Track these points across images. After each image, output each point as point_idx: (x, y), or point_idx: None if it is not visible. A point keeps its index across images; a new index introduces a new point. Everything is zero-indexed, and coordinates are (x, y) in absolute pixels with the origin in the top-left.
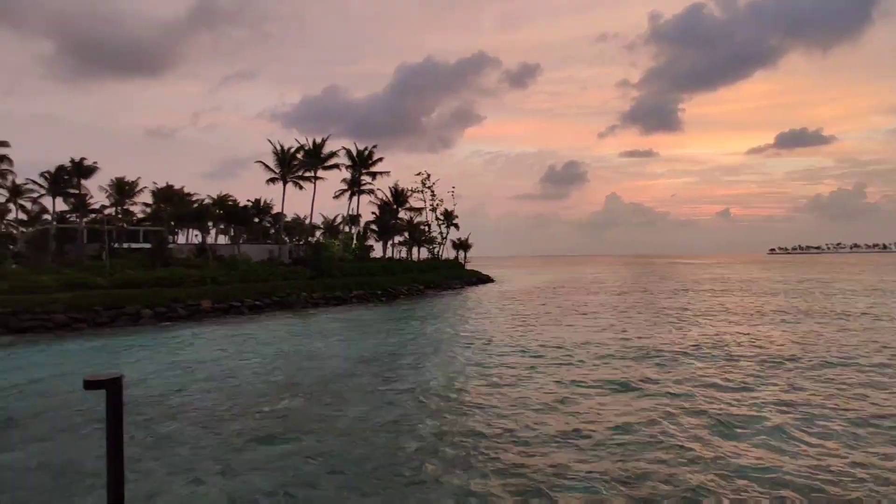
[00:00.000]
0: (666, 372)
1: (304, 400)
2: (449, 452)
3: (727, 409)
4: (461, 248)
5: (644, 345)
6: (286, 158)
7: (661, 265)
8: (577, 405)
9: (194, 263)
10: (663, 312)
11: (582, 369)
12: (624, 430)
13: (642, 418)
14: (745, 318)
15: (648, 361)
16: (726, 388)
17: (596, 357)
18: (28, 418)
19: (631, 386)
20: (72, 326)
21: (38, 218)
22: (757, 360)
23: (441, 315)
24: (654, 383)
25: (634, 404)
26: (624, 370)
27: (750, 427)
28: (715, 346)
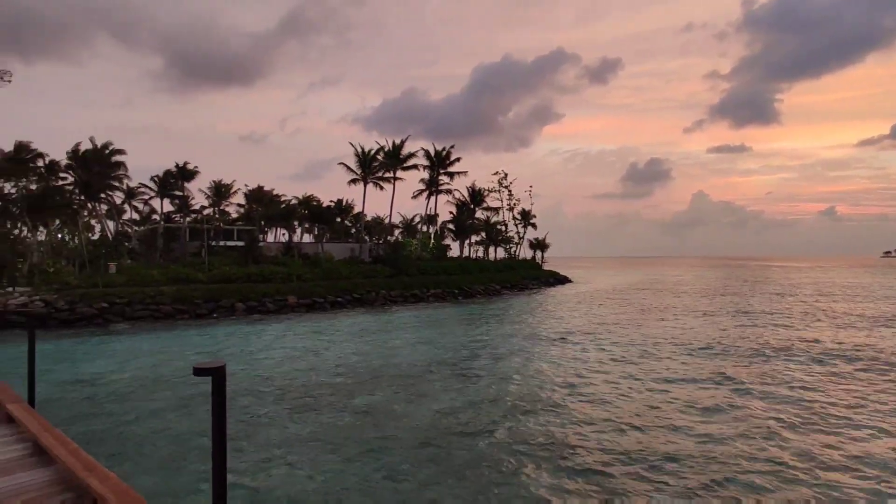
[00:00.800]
0: (758, 379)
1: (384, 393)
2: (524, 452)
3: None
4: (538, 248)
5: (730, 347)
6: (367, 160)
7: (754, 268)
8: (659, 409)
9: (282, 261)
10: (753, 316)
11: (664, 373)
12: (710, 439)
13: (728, 428)
14: (850, 323)
15: (734, 364)
16: (826, 401)
17: (678, 360)
18: (143, 395)
19: (717, 392)
20: (176, 317)
21: (149, 218)
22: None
23: (518, 315)
24: (739, 386)
25: (721, 413)
26: (708, 374)
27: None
28: (826, 352)
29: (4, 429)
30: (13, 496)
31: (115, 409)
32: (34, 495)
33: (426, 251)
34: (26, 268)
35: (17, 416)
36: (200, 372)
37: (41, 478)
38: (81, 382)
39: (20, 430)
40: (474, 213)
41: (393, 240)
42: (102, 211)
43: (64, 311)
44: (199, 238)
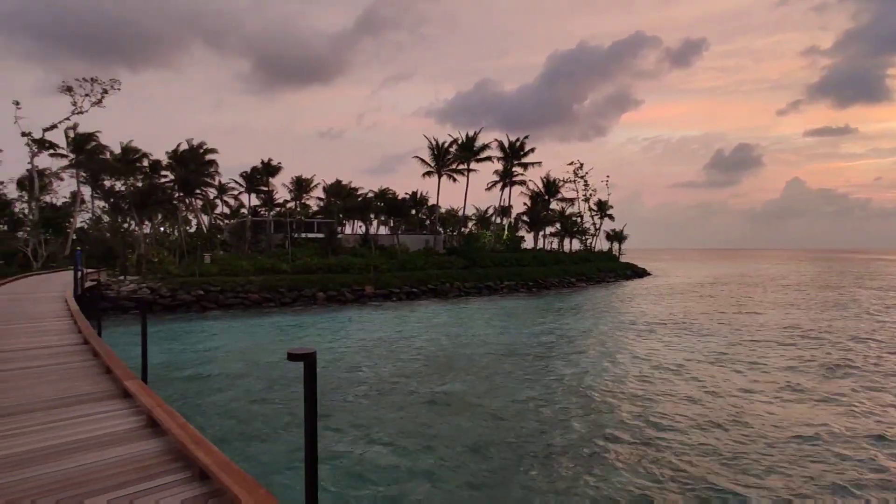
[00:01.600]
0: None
1: (461, 383)
2: (598, 448)
3: None
4: (615, 240)
5: (832, 346)
6: (440, 153)
7: (860, 262)
8: (742, 410)
9: (359, 252)
10: (858, 311)
11: (750, 373)
12: (805, 440)
13: (823, 433)
14: None
15: (836, 371)
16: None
17: (770, 356)
18: (237, 377)
19: (810, 396)
20: (263, 305)
21: (238, 212)
22: None
23: (593, 307)
24: (836, 393)
25: (816, 417)
26: (803, 378)
27: None
28: None
29: (122, 402)
30: (130, 463)
31: (213, 388)
32: (148, 463)
33: (500, 243)
34: (135, 258)
35: (133, 391)
36: (294, 357)
37: (154, 448)
38: (183, 363)
39: (136, 404)
40: (549, 204)
41: (467, 231)
42: (198, 206)
43: (167, 297)
44: (283, 230)
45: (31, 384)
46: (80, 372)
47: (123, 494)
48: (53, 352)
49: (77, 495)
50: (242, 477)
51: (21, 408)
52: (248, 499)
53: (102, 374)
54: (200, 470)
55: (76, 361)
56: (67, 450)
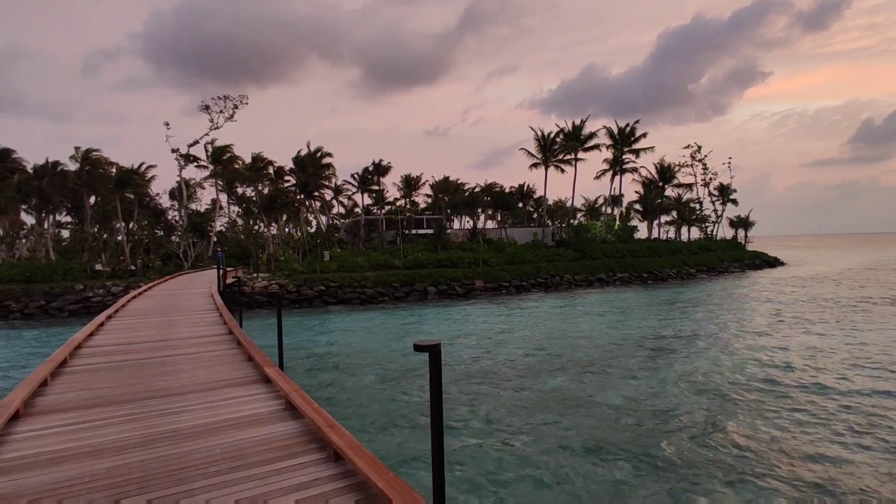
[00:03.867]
0: None
1: (572, 377)
2: (709, 454)
3: None
4: (740, 227)
5: None
6: (546, 143)
7: None
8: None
9: (467, 246)
10: None
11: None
12: None
13: None
14: None
15: None
16: None
17: None
18: (360, 367)
19: None
20: (377, 299)
21: (352, 211)
22: None
23: (715, 301)
24: None
25: None
26: None
27: None
28: None
29: (264, 387)
30: (272, 442)
31: (339, 377)
32: (288, 443)
33: (611, 233)
34: (265, 257)
35: (272, 377)
36: (420, 348)
37: (293, 429)
38: (311, 353)
39: (274, 389)
40: (664, 191)
41: (575, 223)
42: (317, 207)
43: (293, 292)
44: (394, 227)
45: (191, 368)
46: (227, 358)
47: (270, 469)
48: (205, 341)
49: (234, 468)
50: (372, 460)
51: (185, 388)
52: (378, 479)
53: (245, 361)
54: (335, 451)
55: (223, 349)
56: (224, 427)
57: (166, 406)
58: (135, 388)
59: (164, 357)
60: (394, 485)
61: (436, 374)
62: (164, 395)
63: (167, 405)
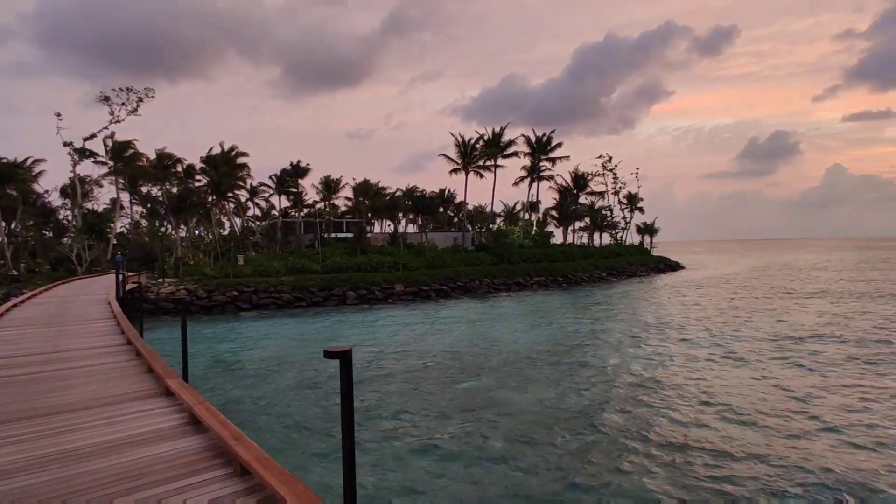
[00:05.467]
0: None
1: (489, 380)
2: (627, 449)
3: None
4: (646, 233)
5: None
6: (467, 149)
7: None
8: (781, 407)
9: (388, 251)
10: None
11: (785, 369)
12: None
13: (859, 430)
14: None
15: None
16: None
17: (806, 353)
18: (272, 374)
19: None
20: (294, 304)
21: (269, 213)
22: None
23: (624, 303)
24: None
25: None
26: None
27: None
28: None
29: (165, 400)
30: (175, 459)
31: (249, 386)
32: (191, 459)
33: (528, 238)
34: (172, 261)
35: (175, 390)
36: (330, 355)
37: (197, 444)
38: (220, 362)
39: (177, 402)
40: (578, 198)
41: (495, 228)
42: (230, 208)
43: (203, 298)
44: (313, 230)
45: (84, 382)
46: (125, 371)
47: (172, 489)
48: (100, 352)
49: (131, 489)
50: (281, 472)
51: (78, 404)
52: (287, 493)
53: (145, 374)
54: (241, 466)
55: (121, 361)
56: (121, 445)
57: (56, 425)
58: (19, 407)
59: (53, 371)
60: (303, 497)
61: (347, 381)
62: (53, 413)
63: (57, 424)
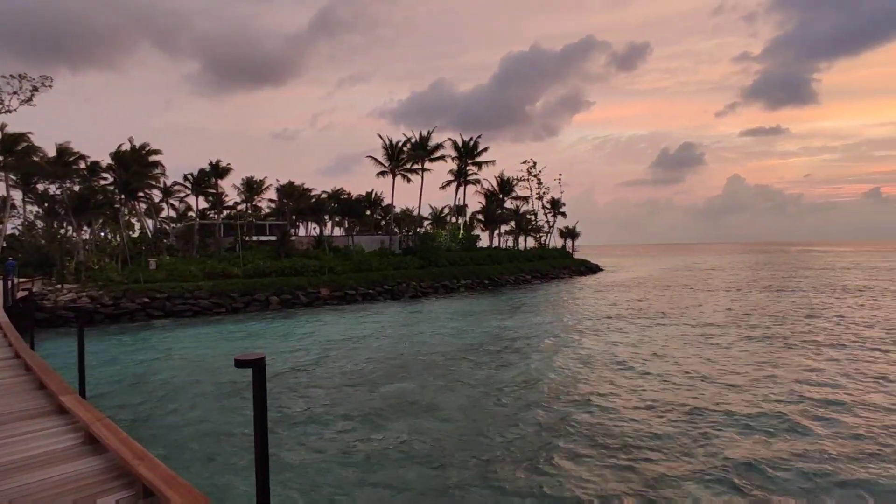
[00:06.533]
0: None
1: (416, 383)
2: (552, 444)
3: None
4: (568, 237)
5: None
6: (394, 152)
7: (794, 253)
8: (696, 394)
9: (313, 254)
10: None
11: (697, 359)
12: (745, 426)
13: (771, 419)
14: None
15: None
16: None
17: (713, 343)
18: (185, 386)
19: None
20: (213, 310)
21: (185, 215)
22: None
23: (547, 304)
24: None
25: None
26: (749, 362)
27: None
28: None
29: (57, 419)
30: (68, 483)
31: (160, 400)
32: (88, 482)
33: (455, 242)
34: (73, 265)
35: (69, 407)
36: (241, 364)
37: (94, 466)
38: (127, 375)
39: (72, 420)
40: (503, 202)
41: (422, 231)
42: (141, 209)
43: (109, 306)
44: (233, 233)
45: None
46: (12, 388)
47: None
48: None
49: None
50: (189, 491)
51: None
52: None
53: (36, 390)
54: (144, 487)
55: (6, 377)
56: (6, 470)
57: None
58: None
59: None
60: None
61: (260, 390)
62: None
63: None
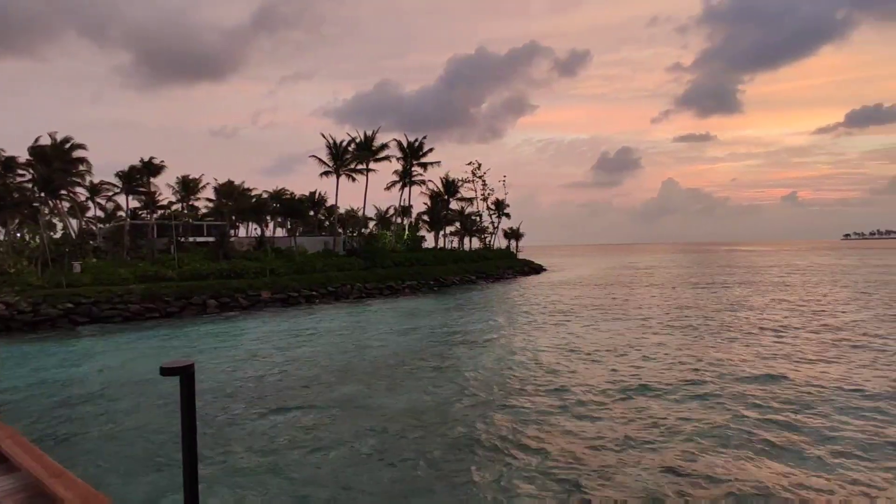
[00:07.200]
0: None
1: (360, 386)
2: (494, 441)
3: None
4: (513, 238)
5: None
6: (339, 152)
7: (721, 253)
8: (633, 393)
9: (254, 256)
10: (702, 290)
11: (638, 356)
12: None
13: (699, 409)
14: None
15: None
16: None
17: (652, 339)
18: (111, 398)
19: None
20: (146, 315)
21: (114, 215)
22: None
23: (492, 305)
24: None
25: (695, 398)
26: (672, 367)
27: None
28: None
29: None
30: None
31: (83, 413)
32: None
33: (400, 243)
34: None
35: None
36: (167, 371)
37: (3, 486)
38: (47, 386)
39: None
40: (449, 203)
41: (367, 232)
42: (64, 208)
43: (27, 313)
44: (168, 234)
45: None
46: None
47: None
48: None
49: None
50: None
51: None
52: None
53: None
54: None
55: None
56: None
57: None
58: None
59: None
60: None
61: (188, 400)
62: None
63: None
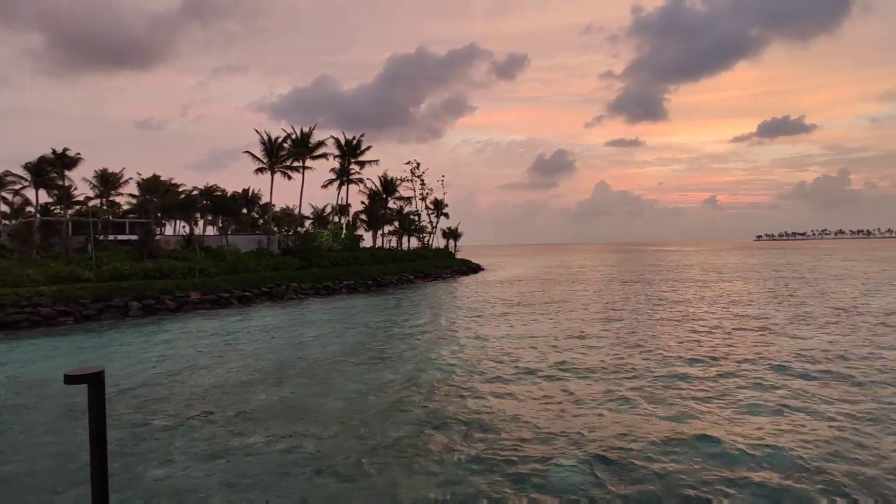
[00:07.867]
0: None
1: (294, 388)
2: (434, 438)
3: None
4: (451, 237)
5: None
6: (273, 148)
7: (649, 253)
8: (567, 388)
9: (181, 255)
10: (634, 289)
11: (570, 352)
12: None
13: (633, 395)
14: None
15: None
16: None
17: (579, 341)
18: (13, 411)
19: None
20: (58, 320)
21: (22, 210)
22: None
23: (429, 304)
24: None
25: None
26: (607, 356)
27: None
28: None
29: None
30: None
31: None
32: None
33: (337, 242)
34: None
35: None
36: (73, 380)
37: None
38: None
39: None
40: (387, 202)
41: (303, 231)
42: None
43: None
44: (85, 232)
45: None
46: None
47: None
48: None
49: None
50: None
51: None
52: None
53: None
54: None
55: None
56: None
57: None
58: None
59: None
60: None
61: (97, 411)
62: None
63: None
